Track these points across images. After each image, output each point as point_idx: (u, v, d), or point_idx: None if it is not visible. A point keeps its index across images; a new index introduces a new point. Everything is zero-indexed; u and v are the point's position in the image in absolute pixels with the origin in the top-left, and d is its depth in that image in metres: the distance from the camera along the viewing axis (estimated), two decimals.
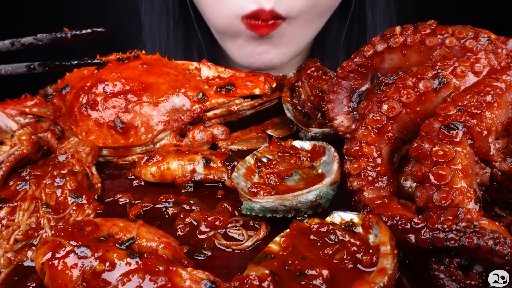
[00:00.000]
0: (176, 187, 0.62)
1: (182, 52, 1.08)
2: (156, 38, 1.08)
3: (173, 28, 1.06)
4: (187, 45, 1.08)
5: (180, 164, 0.62)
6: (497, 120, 0.50)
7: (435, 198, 0.46)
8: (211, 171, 0.62)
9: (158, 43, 1.08)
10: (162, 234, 0.50)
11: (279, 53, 0.93)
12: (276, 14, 0.83)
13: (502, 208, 0.54)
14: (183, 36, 1.07)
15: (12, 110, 0.73)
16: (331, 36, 1.09)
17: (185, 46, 1.08)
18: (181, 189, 0.62)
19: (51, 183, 0.58)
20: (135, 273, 0.41)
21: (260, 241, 0.52)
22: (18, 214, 0.54)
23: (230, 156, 0.63)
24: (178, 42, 1.07)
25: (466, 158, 0.47)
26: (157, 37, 1.08)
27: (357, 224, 0.48)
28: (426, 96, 0.53)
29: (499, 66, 0.54)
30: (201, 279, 0.42)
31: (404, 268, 0.46)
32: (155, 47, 1.08)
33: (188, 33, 1.07)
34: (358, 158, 0.53)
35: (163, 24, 1.06)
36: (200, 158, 0.63)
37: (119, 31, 1.16)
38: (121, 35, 1.15)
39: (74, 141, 0.68)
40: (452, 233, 0.41)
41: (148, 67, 0.73)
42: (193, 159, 0.62)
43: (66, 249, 0.43)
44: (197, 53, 1.09)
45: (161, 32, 1.07)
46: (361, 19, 1.05)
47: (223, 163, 0.62)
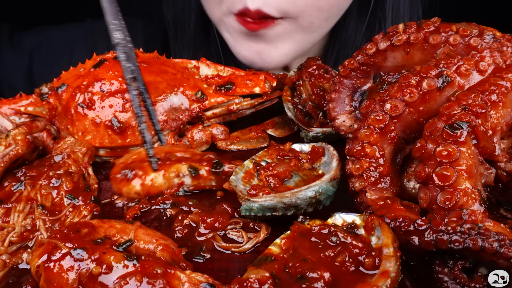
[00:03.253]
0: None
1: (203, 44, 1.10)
2: (179, 30, 1.10)
3: (194, 20, 1.08)
4: (207, 37, 1.10)
5: (166, 178, 0.59)
6: (502, 120, 0.50)
7: (439, 199, 0.46)
8: (200, 181, 0.60)
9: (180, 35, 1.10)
10: (160, 236, 0.49)
11: (280, 54, 0.93)
12: (263, 14, 0.84)
13: (508, 210, 0.54)
14: (203, 28, 1.09)
15: (7, 110, 0.72)
16: (348, 38, 1.08)
17: (205, 38, 1.11)
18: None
19: (46, 184, 0.57)
20: (133, 276, 0.41)
21: (260, 243, 0.51)
22: (13, 215, 0.54)
23: (217, 161, 0.60)
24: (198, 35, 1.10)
25: (470, 159, 0.47)
26: (180, 29, 1.10)
27: (359, 226, 0.47)
28: (429, 95, 0.52)
29: (504, 65, 0.53)
30: (200, 282, 0.41)
31: (407, 270, 0.46)
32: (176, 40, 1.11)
33: (208, 26, 1.09)
34: (360, 158, 0.52)
35: (185, 16, 1.09)
36: (186, 168, 0.59)
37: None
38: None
39: (70, 141, 0.67)
40: (456, 235, 0.41)
41: (146, 65, 0.73)
42: (178, 170, 0.59)
43: (62, 251, 0.42)
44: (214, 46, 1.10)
45: (184, 24, 1.09)
46: (381, 22, 1.05)
47: (210, 170, 0.59)
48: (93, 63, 0.74)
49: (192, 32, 1.10)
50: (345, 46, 1.09)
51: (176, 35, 1.11)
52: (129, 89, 0.60)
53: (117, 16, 0.58)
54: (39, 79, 0.76)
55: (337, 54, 1.10)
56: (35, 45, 1.15)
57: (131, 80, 0.60)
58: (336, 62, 1.10)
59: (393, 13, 1.04)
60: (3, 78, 1.16)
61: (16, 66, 1.15)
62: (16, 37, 1.16)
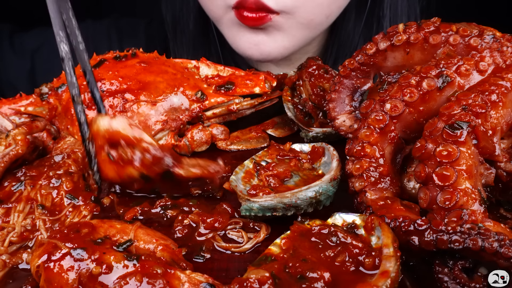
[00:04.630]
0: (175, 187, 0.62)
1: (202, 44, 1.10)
2: (178, 31, 1.10)
3: (193, 20, 1.08)
4: (207, 37, 1.10)
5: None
6: (502, 120, 0.50)
7: (439, 199, 0.46)
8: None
9: (179, 35, 1.10)
10: (160, 236, 0.49)
11: (278, 46, 0.92)
12: (262, 4, 0.83)
13: (508, 210, 0.54)
14: (202, 28, 1.09)
15: (7, 110, 0.72)
16: (347, 36, 1.08)
17: (205, 38, 1.10)
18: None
19: (46, 184, 0.57)
20: (133, 276, 0.40)
21: (260, 243, 0.51)
22: (13, 215, 0.54)
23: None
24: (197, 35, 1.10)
25: (470, 159, 0.47)
26: (179, 30, 1.10)
27: (359, 226, 0.47)
28: (429, 95, 0.52)
29: (504, 65, 0.53)
30: (200, 282, 0.41)
31: (407, 270, 0.46)
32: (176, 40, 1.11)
33: (207, 26, 1.09)
34: (360, 158, 0.52)
35: (184, 17, 1.09)
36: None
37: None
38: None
39: (70, 141, 0.67)
40: (456, 235, 0.41)
41: (145, 65, 0.73)
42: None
43: (62, 251, 0.42)
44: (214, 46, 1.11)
45: (183, 24, 1.09)
46: (379, 20, 1.05)
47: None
48: (93, 63, 0.74)
49: (191, 32, 1.10)
50: (344, 44, 1.09)
51: (175, 36, 1.12)
52: (74, 106, 0.59)
53: (64, 27, 0.57)
54: (41, 80, 0.76)
55: (336, 53, 1.10)
56: (37, 46, 1.15)
57: (77, 96, 0.59)
58: (336, 61, 1.10)
59: (391, 11, 1.04)
60: (6, 79, 1.16)
61: (18, 68, 1.15)
62: (16, 39, 1.16)
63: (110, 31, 1.18)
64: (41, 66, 1.15)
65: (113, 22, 1.20)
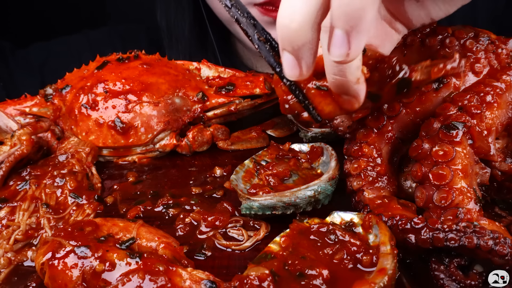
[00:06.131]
0: (177, 187, 0.62)
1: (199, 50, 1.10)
2: (173, 38, 1.10)
3: (189, 28, 1.08)
4: (203, 43, 1.10)
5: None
6: (497, 120, 0.50)
7: (435, 198, 0.46)
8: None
9: (175, 42, 1.10)
10: (162, 234, 0.50)
11: None
12: None
13: (502, 208, 0.54)
14: (198, 35, 1.09)
15: (12, 110, 0.73)
16: None
17: (201, 44, 1.10)
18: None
19: (51, 183, 0.58)
20: (135, 273, 0.41)
21: (260, 241, 0.52)
22: (18, 214, 0.54)
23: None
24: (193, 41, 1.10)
25: (466, 158, 0.47)
26: (174, 37, 1.10)
27: (357, 224, 0.48)
28: (426, 96, 0.53)
29: (499, 66, 0.54)
30: (201, 279, 0.42)
31: (404, 268, 0.46)
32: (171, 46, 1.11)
33: (203, 32, 1.09)
34: (358, 158, 0.53)
35: (179, 24, 1.09)
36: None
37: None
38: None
39: (74, 141, 0.68)
40: (452, 233, 0.41)
41: (148, 67, 0.73)
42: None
43: (66, 249, 0.43)
44: (211, 52, 1.10)
45: (178, 32, 1.09)
46: None
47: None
48: (97, 65, 0.75)
49: (187, 39, 1.09)
50: None
51: (170, 43, 1.11)
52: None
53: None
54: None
55: None
56: (42, 61, 1.15)
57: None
58: None
59: None
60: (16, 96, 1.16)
61: (30, 84, 1.14)
62: (19, 56, 1.16)
63: (113, 37, 1.18)
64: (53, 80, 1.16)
65: (114, 29, 1.20)
